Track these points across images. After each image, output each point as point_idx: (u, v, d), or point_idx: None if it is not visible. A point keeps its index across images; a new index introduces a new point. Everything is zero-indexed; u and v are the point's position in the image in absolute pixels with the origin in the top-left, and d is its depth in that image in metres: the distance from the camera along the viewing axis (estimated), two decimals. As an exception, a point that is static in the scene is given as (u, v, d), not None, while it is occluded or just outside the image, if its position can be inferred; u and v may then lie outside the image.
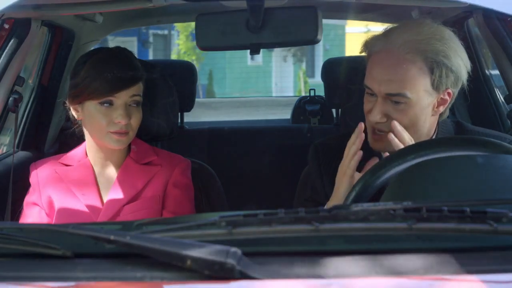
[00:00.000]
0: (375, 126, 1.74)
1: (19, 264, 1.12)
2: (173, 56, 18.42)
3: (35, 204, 2.03)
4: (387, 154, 1.80)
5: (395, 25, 1.79)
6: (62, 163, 2.07)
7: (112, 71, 1.92)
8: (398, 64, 1.68)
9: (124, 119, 1.93)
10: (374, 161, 1.70)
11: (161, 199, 2.03)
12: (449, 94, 1.73)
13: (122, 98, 1.94)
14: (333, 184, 1.82)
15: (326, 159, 1.88)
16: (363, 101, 1.78)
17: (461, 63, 1.70)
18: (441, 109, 1.75)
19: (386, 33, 1.75)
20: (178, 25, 16.76)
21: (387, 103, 1.70)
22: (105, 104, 1.93)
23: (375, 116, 1.71)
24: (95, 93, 1.92)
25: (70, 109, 2.03)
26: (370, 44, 1.76)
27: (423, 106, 1.70)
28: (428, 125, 1.75)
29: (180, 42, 18.09)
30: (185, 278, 1.02)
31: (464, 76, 1.72)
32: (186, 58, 16.87)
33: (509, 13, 1.98)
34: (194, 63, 16.79)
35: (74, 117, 2.03)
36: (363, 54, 1.80)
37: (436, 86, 1.69)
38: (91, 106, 1.95)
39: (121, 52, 2.02)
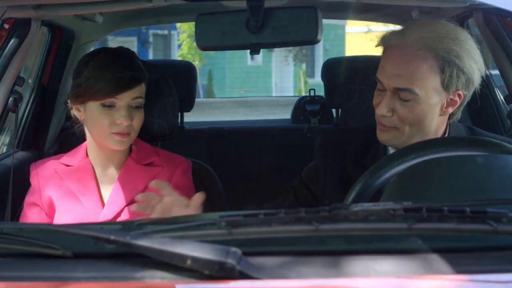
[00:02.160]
0: (380, 120, 1.76)
1: (19, 264, 1.12)
2: (179, 58, 18.30)
3: (35, 204, 2.03)
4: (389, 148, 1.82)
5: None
6: (62, 163, 2.06)
7: (115, 72, 1.92)
8: (409, 60, 1.68)
9: (126, 120, 1.93)
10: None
11: (162, 201, 2.03)
12: (459, 95, 1.72)
13: (124, 99, 1.93)
14: (334, 180, 1.83)
15: (332, 155, 1.89)
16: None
17: (474, 66, 1.69)
18: (450, 110, 1.74)
19: (403, 29, 1.76)
20: (182, 25, 16.62)
21: (395, 98, 1.71)
22: (107, 104, 1.93)
23: (381, 110, 1.72)
24: (99, 93, 1.92)
25: (72, 109, 2.03)
26: (386, 39, 1.77)
27: (431, 105, 1.70)
28: (435, 124, 1.75)
29: (183, 42, 17.90)
30: (185, 278, 1.02)
31: (476, 79, 1.71)
32: (190, 58, 16.81)
33: (509, 10, 1.98)
34: (197, 64, 16.77)
35: (76, 116, 2.03)
36: (379, 48, 1.80)
37: (446, 86, 1.68)
38: (93, 106, 1.94)
39: (125, 53, 2.01)
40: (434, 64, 1.67)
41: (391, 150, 1.82)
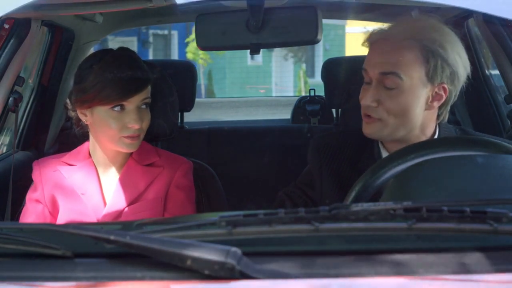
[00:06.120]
0: (366, 111, 1.76)
1: (19, 264, 1.12)
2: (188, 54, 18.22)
3: (38, 201, 2.03)
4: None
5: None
6: (65, 162, 2.06)
7: (124, 75, 1.89)
8: (395, 49, 1.70)
9: (137, 123, 1.91)
10: None
11: (163, 201, 2.03)
12: (444, 89, 1.72)
13: (134, 102, 1.91)
14: (331, 184, 1.82)
15: (327, 158, 1.88)
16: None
17: (459, 60, 1.71)
18: (435, 104, 1.74)
19: (388, 26, 1.78)
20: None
21: (381, 88, 1.72)
22: (117, 108, 1.90)
23: (367, 100, 1.74)
24: (108, 98, 1.88)
25: (74, 111, 2.01)
26: (370, 36, 1.79)
27: (416, 95, 1.71)
28: (420, 119, 1.75)
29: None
30: (185, 278, 1.02)
31: (461, 75, 1.72)
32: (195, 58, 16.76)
33: (507, 18, 1.98)
34: (202, 63, 16.66)
35: (78, 118, 2.02)
36: (365, 47, 1.82)
37: (430, 77, 1.69)
38: (102, 111, 1.91)
39: (129, 55, 1.98)
40: (418, 53, 1.68)
41: (386, 153, 1.81)
